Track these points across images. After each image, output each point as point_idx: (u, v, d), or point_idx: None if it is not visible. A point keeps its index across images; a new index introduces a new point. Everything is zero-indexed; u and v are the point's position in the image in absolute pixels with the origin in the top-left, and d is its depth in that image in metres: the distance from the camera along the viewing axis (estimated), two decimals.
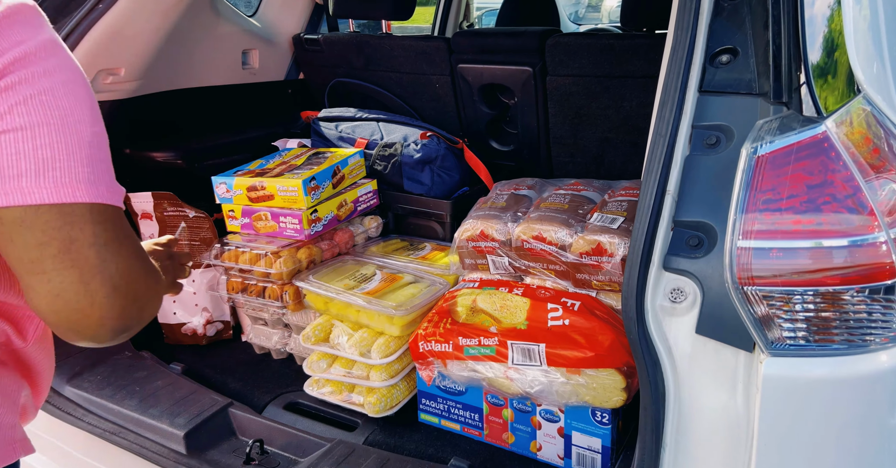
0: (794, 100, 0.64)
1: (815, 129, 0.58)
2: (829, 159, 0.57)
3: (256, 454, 1.19)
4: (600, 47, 1.77)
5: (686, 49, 0.73)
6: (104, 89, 1.54)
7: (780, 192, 0.58)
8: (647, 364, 0.70)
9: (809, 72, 0.63)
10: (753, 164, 0.60)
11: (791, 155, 0.58)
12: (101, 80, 1.52)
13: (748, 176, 0.61)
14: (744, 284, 0.60)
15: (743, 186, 0.61)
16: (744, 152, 0.61)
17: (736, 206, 0.61)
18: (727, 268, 0.62)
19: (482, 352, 1.17)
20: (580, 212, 1.32)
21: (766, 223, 0.59)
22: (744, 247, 0.60)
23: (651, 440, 0.69)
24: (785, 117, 0.62)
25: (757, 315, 0.60)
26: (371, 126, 2.08)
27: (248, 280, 1.59)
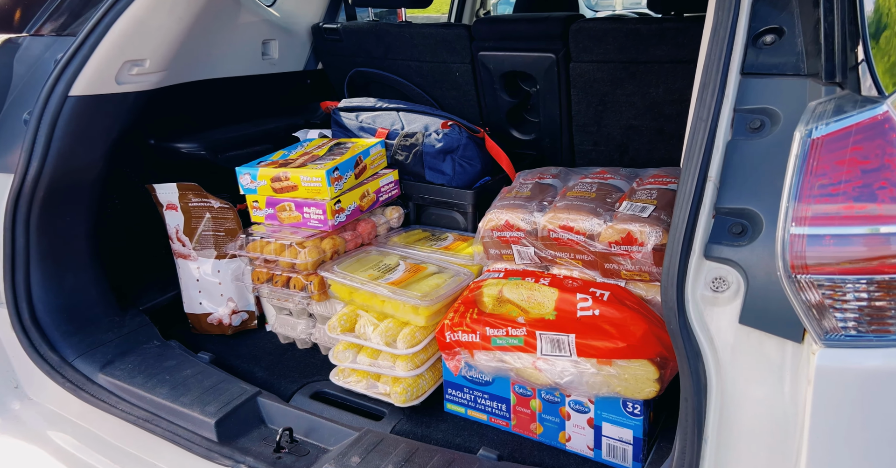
0: (849, 80, 0.61)
1: (875, 110, 0.55)
2: (889, 142, 0.54)
3: (286, 442, 1.20)
4: (626, 32, 1.73)
5: (728, 30, 0.71)
6: (130, 81, 1.55)
7: (835, 177, 0.56)
8: (688, 354, 0.68)
9: (869, 50, 0.60)
10: (808, 147, 0.58)
11: (849, 137, 0.55)
12: (127, 72, 1.52)
13: (802, 160, 0.58)
14: (797, 273, 0.58)
15: (796, 171, 0.58)
16: (797, 135, 0.59)
17: (789, 192, 0.59)
18: (779, 255, 0.59)
19: (510, 342, 1.16)
20: (608, 200, 1.30)
21: (821, 209, 0.57)
22: (797, 234, 0.57)
23: (693, 432, 0.68)
24: (840, 98, 0.59)
25: (810, 304, 0.58)
26: (391, 116, 2.07)
27: (273, 270, 1.60)
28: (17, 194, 1.39)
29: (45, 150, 1.39)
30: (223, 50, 2.01)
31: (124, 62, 1.51)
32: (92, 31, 1.41)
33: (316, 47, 2.43)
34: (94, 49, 1.42)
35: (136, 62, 1.55)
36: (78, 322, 1.53)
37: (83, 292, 1.58)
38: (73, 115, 1.42)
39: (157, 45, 1.57)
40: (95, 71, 1.43)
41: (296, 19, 2.34)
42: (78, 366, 1.42)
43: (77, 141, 1.46)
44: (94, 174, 1.58)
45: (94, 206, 1.63)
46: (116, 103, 1.53)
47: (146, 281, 1.88)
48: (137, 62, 1.55)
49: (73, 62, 1.40)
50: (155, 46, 1.57)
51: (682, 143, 1.90)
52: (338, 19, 2.52)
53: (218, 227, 1.75)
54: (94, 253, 1.64)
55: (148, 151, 1.90)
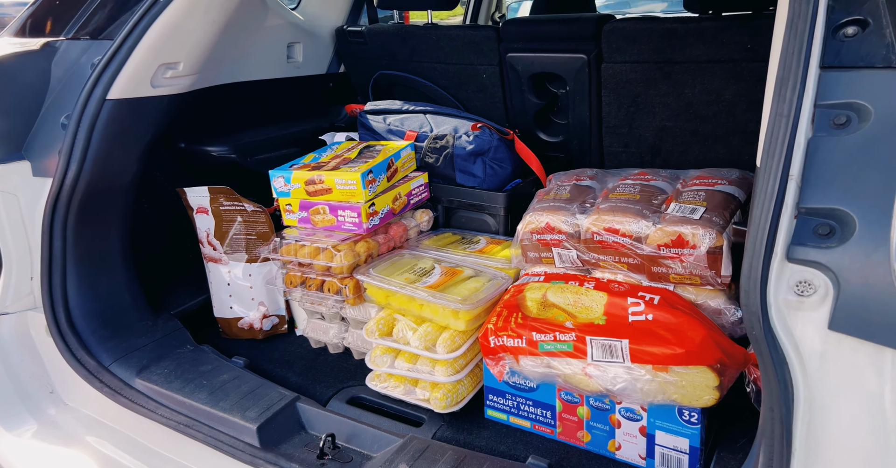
0: None
1: None
2: None
3: (329, 448, 1.18)
4: (662, 32, 1.70)
5: (808, 22, 0.68)
6: (164, 84, 1.55)
7: None
8: (774, 362, 0.65)
9: None
10: None
11: None
12: (161, 75, 1.52)
13: None
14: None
15: None
16: None
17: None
18: (893, 258, 0.57)
19: (558, 347, 1.13)
20: (654, 202, 1.27)
21: None
22: None
23: (781, 444, 0.65)
24: None
25: None
26: (419, 118, 2.05)
27: (306, 273, 1.59)
28: (56, 198, 1.39)
29: (83, 154, 1.39)
30: (251, 53, 2.01)
31: (159, 65, 1.51)
32: (129, 35, 1.41)
33: (338, 50, 2.42)
34: (131, 52, 1.41)
35: (171, 65, 1.55)
36: (113, 326, 1.53)
37: (117, 296, 1.57)
38: (110, 119, 1.42)
39: (191, 48, 1.57)
40: (132, 74, 1.43)
41: (319, 22, 2.34)
42: (115, 371, 1.41)
43: (114, 144, 1.46)
44: (128, 178, 1.57)
45: (128, 210, 1.63)
46: (152, 106, 1.53)
47: (175, 285, 1.88)
48: (172, 65, 1.55)
49: (110, 66, 1.40)
50: (189, 49, 1.56)
51: (716, 144, 1.87)
52: (360, 22, 2.52)
53: (250, 230, 1.74)
54: (127, 257, 1.63)
55: (178, 155, 1.90)
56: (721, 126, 1.77)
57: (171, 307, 1.76)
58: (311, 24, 2.30)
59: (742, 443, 1.09)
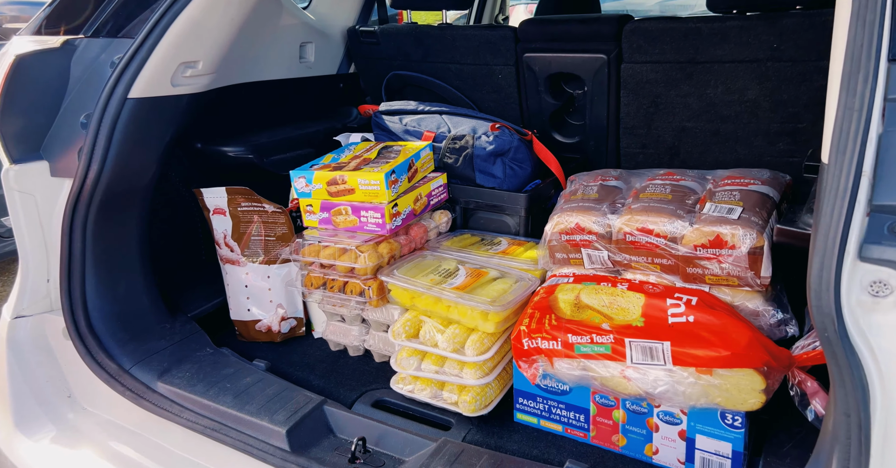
0: None
1: None
2: None
3: (360, 452, 1.16)
4: (685, 31, 1.69)
5: (878, 12, 0.67)
6: (183, 83, 1.52)
7: None
8: (851, 365, 0.64)
9: None
10: None
11: None
12: (181, 74, 1.50)
13: None
14: None
15: None
16: None
17: None
18: None
19: (595, 350, 1.12)
20: (687, 202, 1.26)
21: None
22: None
23: (859, 450, 0.63)
24: None
25: None
26: (436, 119, 2.03)
27: (328, 275, 1.56)
28: (76, 199, 1.36)
29: (104, 154, 1.36)
30: (265, 52, 1.99)
31: (179, 64, 1.48)
32: (150, 33, 1.38)
33: (350, 50, 2.40)
34: (152, 50, 1.39)
35: (190, 64, 1.52)
36: (132, 330, 1.50)
37: (136, 299, 1.55)
38: (131, 118, 1.39)
39: (210, 47, 1.55)
40: (153, 73, 1.41)
41: (330, 22, 2.32)
42: (136, 375, 1.38)
43: (135, 144, 1.43)
44: (147, 178, 1.55)
45: (146, 211, 1.60)
46: (171, 105, 1.51)
47: (191, 288, 1.85)
48: (191, 64, 1.53)
49: (132, 64, 1.38)
50: (208, 48, 1.54)
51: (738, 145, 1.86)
52: (369, 22, 2.50)
53: (269, 231, 1.71)
54: (144, 259, 1.60)
55: (194, 155, 1.87)
56: (743, 127, 1.76)
57: (187, 310, 1.73)
58: (322, 23, 2.28)
59: (788, 447, 1.07)
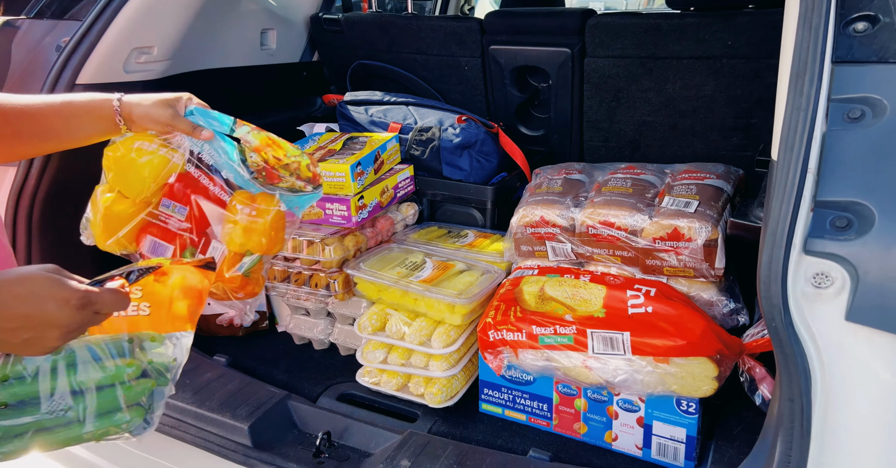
0: None
1: None
2: None
3: (325, 446, 1.15)
4: (646, 27, 1.72)
5: (823, 16, 0.69)
6: (136, 69, 1.46)
7: None
8: (795, 353, 0.67)
9: None
10: None
11: None
12: (135, 59, 1.43)
13: None
14: None
15: None
16: None
17: None
18: None
19: (558, 340, 1.14)
20: (647, 196, 1.29)
21: None
22: None
23: (801, 434, 0.67)
24: None
25: None
26: (402, 110, 2.02)
27: (291, 268, 1.54)
28: (20, 190, 1.29)
29: None
30: (224, 39, 1.93)
31: (132, 49, 1.42)
32: (100, 16, 1.32)
33: (313, 38, 2.35)
34: (102, 34, 1.33)
35: (144, 50, 1.46)
36: None
37: None
38: None
39: (166, 32, 1.49)
40: (103, 58, 1.34)
41: (292, 9, 2.27)
42: None
43: None
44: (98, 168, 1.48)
45: None
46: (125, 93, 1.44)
47: None
48: (145, 50, 1.46)
49: (79, 48, 1.31)
50: (163, 33, 1.48)
51: (695, 139, 1.91)
52: (333, 9, 2.45)
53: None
54: (95, 251, 1.53)
55: None
56: (700, 121, 1.81)
57: None
58: (284, 10, 2.22)
59: (738, 431, 1.12)
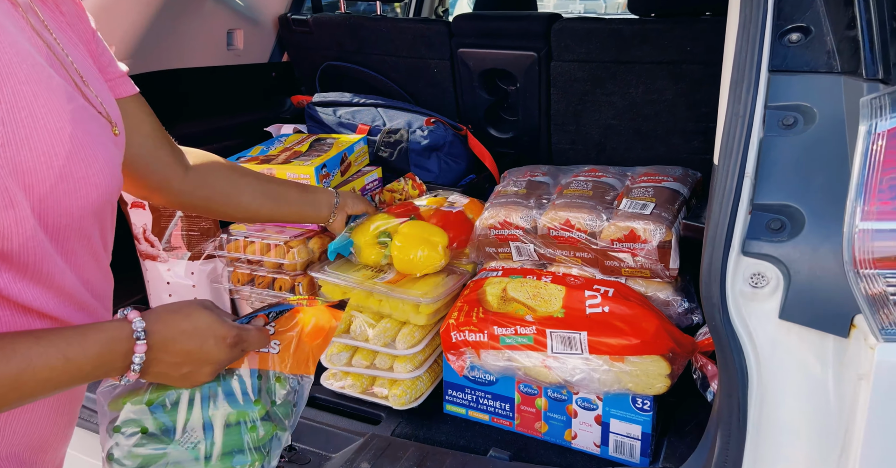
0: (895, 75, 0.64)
1: None
2: None
3: (285, 451, 1.14)
4: (609, 32, 1.76)
5: (759, 26, 0.72)
6: None
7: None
8: (732, 350, 0.69)
9: None
10: (874, 142, 0.60)
11: None
12: None
13: (868, 155, 0.60)
14: (862, 267, 0.60)
15: (863, 166, 0.60)
16: (862, 130, 0.61)
17: (856, 187, 0.61)
18: (845, 250, 0.61)
19: (519, 341, 1.15)
20: (606, 198, 1.32)
21: (889, 203, 0.59)
22: (865, 229, 0.59)
23: (737, 428, 0.70)
24: (893, 93, 0.62)
25: (872, 299, 0.61)
26: (370, 111, 2.02)
27: (255, 271, 1.52)
28: None
29: None
30: (189, 38, 1.90)
31: None
32: None
33: (282, 38, 2.33)
34: None
35: None
36: None
37: None
38: None
39: (125, 31, 1.46)
40: None
41: (260, 8, 2.24)
42: None
43: None
44: None
45: None
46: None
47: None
48: None
49: None
50: (122, 32, 1.45)
51: (657, 142, 1.96)
52: (303, 10, 2.44)
53: (192, 226, 1.64)
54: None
55: None
56: (662, 125, 1.86)
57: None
58: (251, 10, 2.20)
59: (689, 427, 1.15)
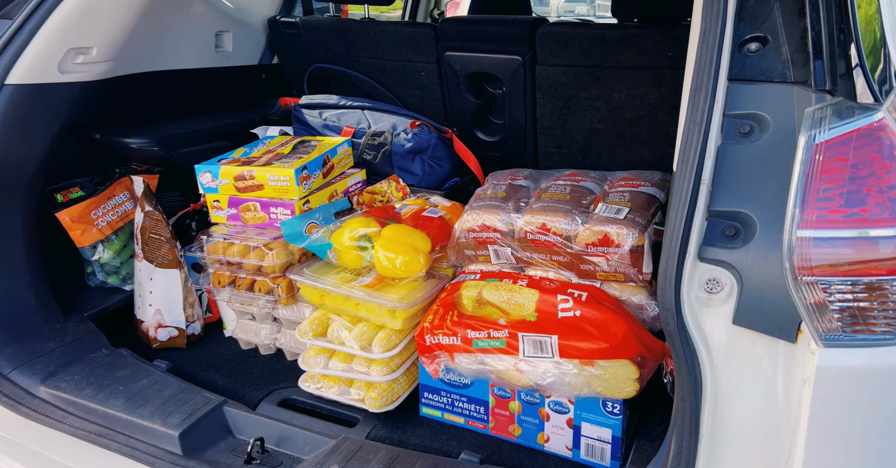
0: (842, 87, 0.65)
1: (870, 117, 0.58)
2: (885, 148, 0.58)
3: (257, 453, 1.14)
4: (591, 37, 1.77)
5: (717, 36, 0.73)
6: (74, 70, 1.43)
7: (838, 181, 0.59)
8: (686, 355, 0.70)
9: (862, 54, 0.63)
10: (812, 152, 0.61)
11: (849, 143, 0.59)
12: (71, 60, 1.41)
13: (807, 165, 0.61)
14: (802, 274, 0.61)
15: (801, 175, 0.61)
16: (801, 140, 0.62)
17: (795, 196, 0.61)
18: (784, 257, 0.62)
19: (492, 344, 1.16)
20: (583, 202, 1.32)
21: (825, 212, 0.59)
22: (803, 237, 0.60)
23: (690, 431, 0.70)
24: (836, 104, 0.63)
25: (812, 306, 0.61)
26: (356, 114, 2.02)
27: (235, 273, 1.52)
28: None
29: None
30: (175, 40, 1.90)
31: (69, 49, 1.39)
32: (31, 15, 1.29)
33: (272, 41, 2.34)
34: (34, 34, 1.30)
35: (82, 50, 1.43)
36: (14, 331, 1.40)
37: (19, 298, 1.44)
38: (9, 105, 1.30)
39: (106, 33, 1.46)
40: (35, 58, 1.31)
41: (250, 11, 2.25)
42: (15, 379, 1.30)
43: (14, 133, 1.33)
44: (31, 170, 1.44)
45: (32, 205, 1.50)
46: (60, 94, 1.41)
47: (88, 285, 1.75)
48: (83, 50, 1.44)
49: (9, 47, 1.28)
50: (103, 33, 1.46)
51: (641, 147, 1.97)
52: (294, 12, 2.44)
53: (157, 229, 1.63)
54: (31, 255, 1.50)
55: (93, 145, 1.77)
56: (645, 130, 1.87)
57: (83, 308, 1.63)
58: (241, 12, 2.20)
59: (659, 431, 1.16)
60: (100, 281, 1.75)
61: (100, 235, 1.69)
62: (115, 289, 1.76)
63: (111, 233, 1.72)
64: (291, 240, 1.40)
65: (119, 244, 1.75)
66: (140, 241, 1.63)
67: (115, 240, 1.74)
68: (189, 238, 1.78)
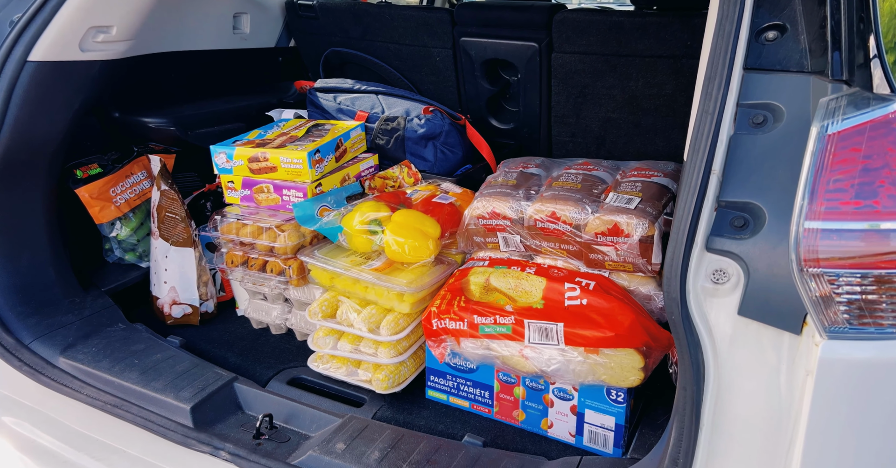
0: (859, 77, 0.63)
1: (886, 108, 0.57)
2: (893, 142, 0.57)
3: (266, 428, 1.17)
4: (609, 25, 1.74)
5: (734, 24, 0.72)
6: (94, 48, 1.45)
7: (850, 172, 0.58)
8: (689, 345, 0.70)
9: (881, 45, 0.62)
10: (824, 143, 0.60)
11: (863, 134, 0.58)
12: (92, 39, 1.42)
13: (818, 155, 0.60)
14: (808, 266, 0.60)
15: (812, 166, 0.61)
16: (814, 131, 0.61)
17: (804, 186, 0.61)
18: (791, 249, 0.62)
19: (498, 330, 1.17)
20: (594, 191, 1.32)
21: (835, 204, 0.59)
22: (811, 229, 0.60)
23: (691, 420, 0.71)
24: (851, 95, 0.61)
25: (818, 298, 0.61)
26: (370, 98, 2.02)
27: (248, 253, 1.55)
28: None
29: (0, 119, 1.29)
30: (193, 21, 1.91)
31: (90, 28, 1.41)
32: None
33: (289, 24, 2.34)
34: (56, 11, 1.32)
35: (102, 29, 1.45)
36: (35, 303, 1.44)
37: (40, 272, 1.48)
38: (32, 82, 1.32)
39: (126, 12, 1.48)
40: (58, 35, 1.33)
41: None
42: (36, 349, 1.34)
43: (36, 110, 1.36)
44: (53, 147, 1.47)
45: (53, 181, 1.53)
46: (80, 71, 1.43)
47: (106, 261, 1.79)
48: (103, 29, 1.45)
49: (32, 24, 1.30)
50: (123, 12, 1.47)
51: (657, 137, 1.94)
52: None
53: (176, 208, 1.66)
54: (52, 231, 1.54)
55: (110, 125, 1.79)
56: (661, 119, 1.84)
57: (102, 284, 1.68)
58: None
59: (662, 420, 1.17)
60: (117, 257, 1.79)
61: (118, 212, 1.72)
62: (131, 266, 1.80)
63: (129, 210, 1.75)
64: (303, 223, 1.42)
65: (136, 222, 1.78)
66: (156, 220, 1.66)
67: (133, 218, 1.77)
68: (204, 218, 1.81)
